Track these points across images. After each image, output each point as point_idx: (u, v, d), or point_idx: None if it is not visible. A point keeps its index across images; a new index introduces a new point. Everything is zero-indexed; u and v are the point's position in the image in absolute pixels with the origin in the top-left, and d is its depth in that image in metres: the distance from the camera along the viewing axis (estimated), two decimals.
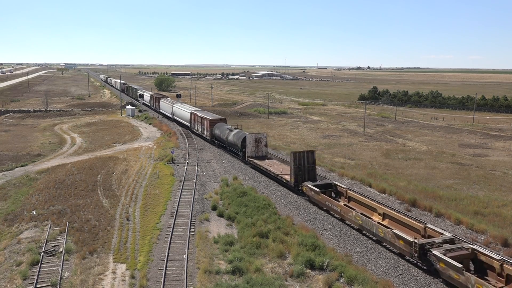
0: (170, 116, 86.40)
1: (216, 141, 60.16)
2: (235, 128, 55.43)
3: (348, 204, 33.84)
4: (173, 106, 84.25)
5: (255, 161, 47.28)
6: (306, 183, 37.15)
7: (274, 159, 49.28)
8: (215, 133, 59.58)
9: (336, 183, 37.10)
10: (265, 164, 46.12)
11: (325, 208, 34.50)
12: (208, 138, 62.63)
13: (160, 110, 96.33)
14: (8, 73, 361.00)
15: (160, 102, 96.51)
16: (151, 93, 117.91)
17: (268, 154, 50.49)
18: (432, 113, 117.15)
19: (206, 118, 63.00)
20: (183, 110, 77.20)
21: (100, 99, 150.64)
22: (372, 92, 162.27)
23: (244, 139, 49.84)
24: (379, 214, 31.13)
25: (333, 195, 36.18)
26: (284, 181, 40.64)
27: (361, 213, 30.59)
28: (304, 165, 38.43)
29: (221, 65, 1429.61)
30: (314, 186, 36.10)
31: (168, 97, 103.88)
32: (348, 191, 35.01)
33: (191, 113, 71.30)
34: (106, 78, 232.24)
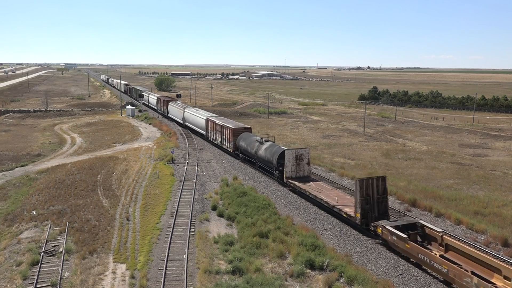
0: (181, 122, 78.09)
1: (241, 155, 51.56)
2: (266, 140, 46.26)
3: (445, 255, 24.52)
4: (184, 111, 75.82)
5: (298, 184, 38.07)
6: (381, 222, 28.31)
7: (319, 181, 40.02)
8: (240, 146, 50.75)
9: (423, 222, 27.56)
10: (311, 188, 36.79)
11: (412, 260, 25.64)
12: (229, 150, 54.27)
13: (169, 115, 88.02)
14: (11, 73, 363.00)
15: (169, 106, 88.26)
16: (157, 95, 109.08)
17: (311, 174, 41.67)
18: (432, 113, 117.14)
19: (227, 127, 54.56)
20: (197, 116, 68.68)
21: (100, 99, 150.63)
22: (372, 92, 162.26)
23: (281, 156, 41.08)
24: (505, 277, 21.00)
25: (418, 239, 26.98)
26: (344, 215, 31.45)
27: (472, 272, 22.01)
28: (373, 195, 29.56)
29: (221, 65, 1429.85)
30: (394, 227, 27.15)
31: (177, 100, 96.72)
32: (444, 236, 25.42)
33: (207, 120, 62.73)
34: (108, 79, 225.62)
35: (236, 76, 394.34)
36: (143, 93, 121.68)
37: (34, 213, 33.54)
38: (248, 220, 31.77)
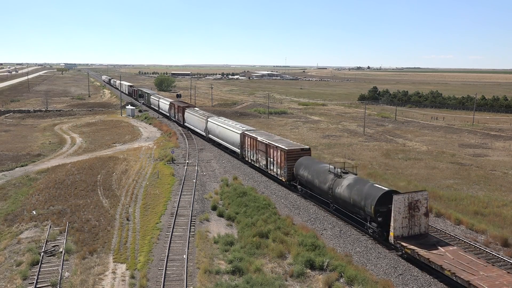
0: (203, 133, 65.81)
1: (299, 187, 38.53)
2: (344, 171, 32.81)
3: None
4: (208, 121, 63.07)
5: (420, 251, 24.67)
6: None
7: (452, 245, 26.00)
8: (299, 175, 37.78)
9: None
10: (450, 263, 23.17)
11: None
12: (280, 178, 41.28)
13: (186, 124, 75.02)
14: (14, 73, 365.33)
15: (185, 113, 75.16)
16: (170, 100, 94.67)
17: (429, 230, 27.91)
18: (432, 113, 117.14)
19: (277, 147, 41.39)
20: (227, 129, 55.42)
21: (100, 99, 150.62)
22: (372, 92, 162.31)
23: (382, 201, 27.55)
24: None
25: None
26: None
27: None
28: None
29: (221, 65, 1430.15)
30: None
31: (195, 107, 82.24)
32: None
33: (243, 135, 49.94)
34: (109, 80, 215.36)
35: (236, 76, 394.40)
36: (151, 97, 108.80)
37: (34, 213, 33.54)
38: (248, 220, 31.78)
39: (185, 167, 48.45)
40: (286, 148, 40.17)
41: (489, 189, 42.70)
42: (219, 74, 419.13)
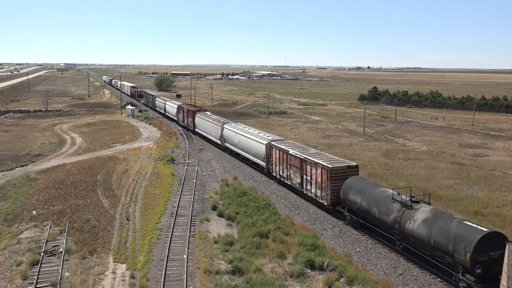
0: (217, 141, 59.52)
1: (348, 214, 31.67)
2: (413, 200, 26.48)
3: None
4: (223, 128, 56.80)
5: None
6: None
7: None
8: (349, 200, 30.83)
9: None
10: None
11: None
12: (323, 201, 34.37)
13: (197, 130, 68.79)
14: (16, 72, 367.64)
15: (196, 118, 68.89)
16: (178, 103, 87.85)
17: None
18: (432, 113, 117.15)
19: (316, 163, 34.72)
20: (249, 138, 48.74)
21: (100, 99, 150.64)
22: (372, 92, 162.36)
23: (482, 246, 21.14)
24: None
25: None
26: None
27: None
28: None
29: (221, 65, 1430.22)
30: None
31: (207, 111, 73.91)
32: None
33: (269, 147, 43.69)
34: (111, 80, 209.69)
35: (236, 76, 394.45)
36: (156, 99, 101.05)
37: (34, 213, 33.54)
38: (248, 220, 31.78)
39: (185, 167, 48.45)
40: (330, 166, 33.28)
41: (489, 189, 42.70)
42: (219, 74, 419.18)
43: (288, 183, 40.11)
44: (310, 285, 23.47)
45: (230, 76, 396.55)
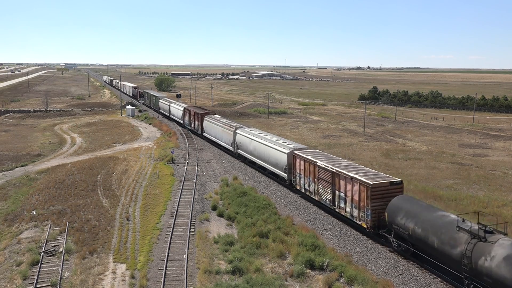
0: (229, 148, 54.97)
1: (394, 241, 27.02)
2: (486, 230, 21.75)
3: None
4: (236, 133, 52.44)
5: None
6: None
7: None
8: (399, 224, 25.99)
9: None
10: None
11: None
12: (361, 223, 29.50)
13: (206, 135, 64.40)
14: (17, 72, 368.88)
15: (205, 121, 64.44)
16: (184, 105, 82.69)
17: None
18: (432, 113, 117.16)
19: (352, 178, 30.09)
20: (268, 147, 44.11)
21: (100, 99, 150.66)
22: (372, 92, 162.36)
23: None
24: None
25: None
26: None
27: None
28: None
29: (221, 65, 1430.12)
30: None
31: (216, 114, 68.19)
32: None
33: (292, 156, 39.06)
34: (111, 81, 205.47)
35: (236, 76, 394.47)
36: (160, 100, 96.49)
37: (34, 213, 33.55)
38: (248, 220, 31.78)
39: (185, 167, 48.45)
40: (371, 183, 28.40)
41: (489, 189, 42.71)
42: (219, 74, 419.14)
43: (316, 198, 35.22)
44: (310, 285, 23.47)
45: (230, 76, 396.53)
